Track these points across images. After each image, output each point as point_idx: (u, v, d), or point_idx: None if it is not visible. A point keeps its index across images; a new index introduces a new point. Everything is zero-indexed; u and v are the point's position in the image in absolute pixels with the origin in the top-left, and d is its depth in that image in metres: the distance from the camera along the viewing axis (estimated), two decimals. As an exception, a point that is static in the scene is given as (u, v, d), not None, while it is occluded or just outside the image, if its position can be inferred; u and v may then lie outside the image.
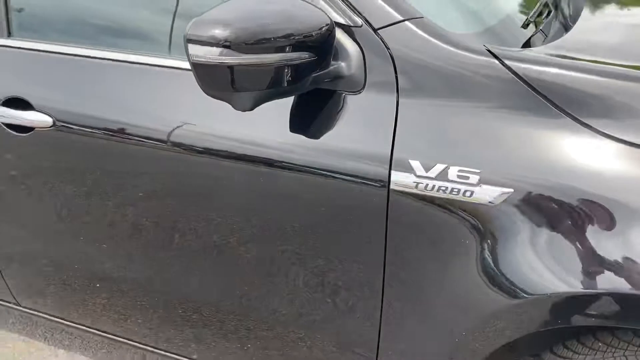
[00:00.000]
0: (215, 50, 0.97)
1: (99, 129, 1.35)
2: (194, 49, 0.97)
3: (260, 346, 1.43)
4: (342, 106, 1.15)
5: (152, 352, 1.70)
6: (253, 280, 1.33)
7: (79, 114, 1.37)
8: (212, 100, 1.06)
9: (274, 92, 1.04)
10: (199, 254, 1.35)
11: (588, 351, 1.11)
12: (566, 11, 1.55)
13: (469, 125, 1.07)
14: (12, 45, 1.45)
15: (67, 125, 1.38)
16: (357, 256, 1.18)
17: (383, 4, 1.13)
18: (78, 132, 1.37)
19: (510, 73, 1.05)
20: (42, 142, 1.43)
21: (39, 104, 1.40)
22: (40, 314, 1.80)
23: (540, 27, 1.36)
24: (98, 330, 1.71)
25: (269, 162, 1.19)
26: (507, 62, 1.06)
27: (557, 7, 1.55)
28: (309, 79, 1.07)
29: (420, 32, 1.11)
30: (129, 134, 1.31)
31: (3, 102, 1.44)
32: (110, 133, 1.33)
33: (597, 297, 0.96)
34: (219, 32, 0.97)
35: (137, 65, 1.31)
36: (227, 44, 0.97)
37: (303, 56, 1.03)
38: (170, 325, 1.53)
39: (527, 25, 1.41)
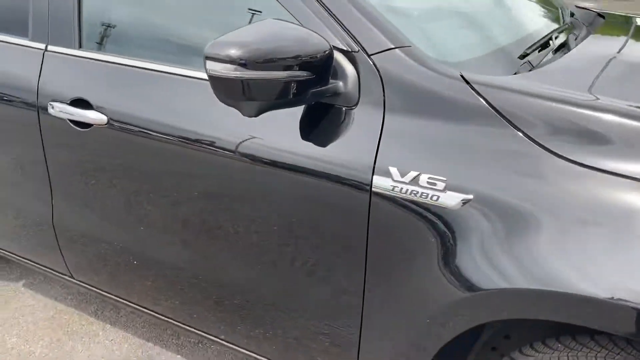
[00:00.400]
0: (229, 66, 1.20)
1: (143, 128, 1.60)
2: (210, 65, 1.20)
3: (262, 325, 1.64)
4: (339, 119, 1.35)
5: (186, 329, 1.92)
6: (256, 266, 1.54)
7: (129, 115, 1.63)
8: (229, 109, 1.28)
9: (276, 103, 1.26)
10: (222, 242, 1.58)
11: (551, 351, 1.24)
12: (560, 46, 1.69)
13: (440, 139, 1.24)
14: (81, 55, 1.74)
15: (119, 124, 1.65)
16: (344, 246, 1.37)
17: (378, 32, 1.33)
18: (127, 130, 1.63)
19: (477, 96, 1.23)
20: (99, 137, 1.70)
21: (98, 104, 1.67)
22: (90, 287, 2.08)
23: (527, 60, 1.51)
24: (140, 305, 1.96)
25: (276, 164, 1.40)
26: (475, 86, 1.23)
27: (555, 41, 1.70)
28: (309, 94, 1.28)
29: (407, 58, 1.30)
30: (165, 134, 1.56)
31: (70, 101, 1.73)
32: (153, 132, 1.59)
33: (531, 293, 1.11)
34: (233, 52, 1.20)
35: (179, 77, 1.56)
36: (241, 61, 1.20)
37: (303, 75, 1.24)
38: (202, 306, 1.75)
39: (527, 55, 1.57)
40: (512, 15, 1.92)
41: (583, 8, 2.49)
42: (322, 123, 1.37)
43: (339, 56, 1.33)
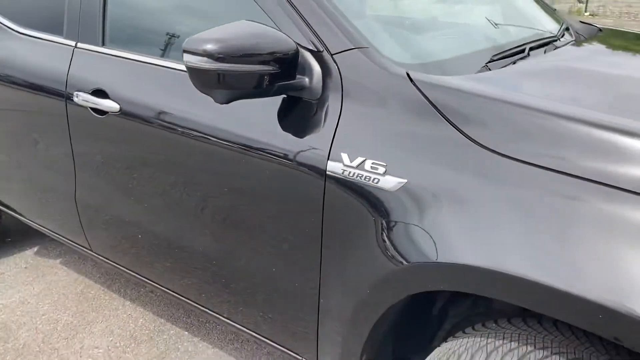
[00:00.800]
0: (204, 59, 1.39)
1: (149, 116, 1.83)
2: (187, 57, 1.40)
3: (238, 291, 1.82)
4: (304, 110, 1.52)
5: (196, 306, 2.11)
6: (229, 238, 1.72)
7: (137, 104, 1.86)
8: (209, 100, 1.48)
9: (244, 93, 1.44)
10: (202, 217, 1.78)
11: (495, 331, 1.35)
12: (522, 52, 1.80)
13: (385, 129, 1.39)
14: (103, 51, 1.99)
15: (129, 112, 1.88)
16: (305, 223, 1.53)
17: (340, 34, 1.50)
18: (135, 116, 1.86)
19: (418, 92, 1.37)
20: (113, 123, 1.94)
21: (113, 94, 1.91)
22: (104, 259, 2.32)
23: (486, 63, 1.63)
24: (146, 278, 2.18)
25: (249, 150, 1.59)
26: (417, 83, 1.38)
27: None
28: (275, 87, 1.46)
29: (364, 58, 1.46)
30: (164, 120, 1.77)
31: (91, 91, 1.98)
32: (154, 119, 1.81)
33: (450, 266, 1.23)
34: (209, 47, 1.39)
35: (175, 71, 1.77)
36: (218, 55, 1.39)
37: (268, 69, 1.42)
38: (208, 284, 1.94)
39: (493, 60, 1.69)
40: (499, 26, 2.04)
41: (587, 24, 2.57)
42: (289, 114, 1.55)
43: (306, 55, 1.51)
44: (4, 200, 2.70)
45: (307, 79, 1.50)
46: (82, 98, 1.99)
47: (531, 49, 1.85)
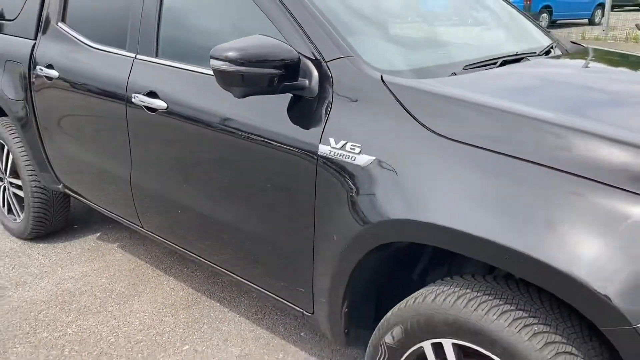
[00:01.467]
0: (227, 63, 1.83)
1: (187, 112, 2.28)
2: (213, 62, 1.84)
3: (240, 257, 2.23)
4: (304, 106, 1.93)
5: (217, 268, 2.53)
6: (246, 210, 2.14)
7: (179, 103, 2.31)
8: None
9: (256, 90, 1.87)
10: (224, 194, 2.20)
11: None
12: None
13: (361, 119, 1.78)
14: (156, 61, 2.47)
15: (174, 109, 2.34)
16: (302, 194, 1.92)
17: (333, 45, 1.90)
18: (179, 114, 2.31)
19: (388, 91, 1.76)
20: (161, 118, 2.40)
21: (162, 95, 2.38)
22: (153, 234, 2.78)
23: (463, 68, 2.00)
24: (185, 249, 2.61)
25: (261, 137, 2.01)
26: (388, 85, 1.77)
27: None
28: (280, 86, 1.88)
29: (350, 64, 1.87)
30: (199, 117, 2.22)
31: (146, 93, 2.45)
32: (192, 115, 2.25)
33: (408, 222, 1.60)
34: (231, 54, 1.82)
35: (205, 75, 2.22)
36: (239, 60, 1.82)
37: (275, 72, 1.85)
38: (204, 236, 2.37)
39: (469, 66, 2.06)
40: (484, 40, 2.40)
41: (576, 43, 2.88)
42: (292, 108, 1.96)
43: (307, 62, 1.92)
44: (75, 189, 3.22)
45: (307, 81, 1.91)
46: (139, 99, 2.47)
47: (506, 61, 2.20)
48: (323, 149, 1.84)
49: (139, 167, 2.62)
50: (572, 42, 2.92)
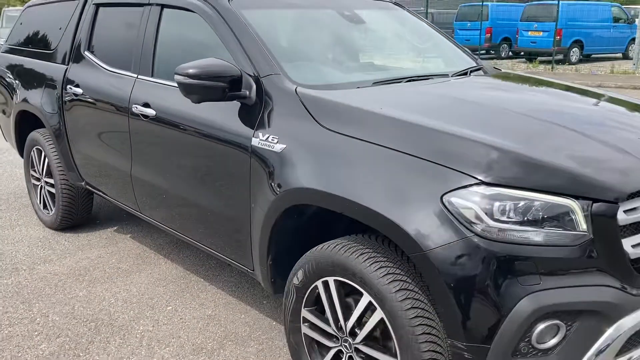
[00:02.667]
0: (187, 78, 2.51)
1: (167, 116, 2.97)
2: (177, 77, 2.52)
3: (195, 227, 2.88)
4: (244, 110, 2.59)
5: (179, 235, 3.19)
6: (201, 188, 2.80)
7: (162, 111, 3.02)
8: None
9: (210, 98, 2.54)
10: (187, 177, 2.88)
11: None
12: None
13: (280, 119, 2.44)
14: (151, 80, 3.19)
15: (158, 116, 3.04)
16: (240, 177, 2.57)
17: (266, 66, 2.57)
18: (161, 118, 3.02)
19: (299, 100, 2.41)
20: (152, 123, 3.11)
21: (152, 105, 3.09)
22: (149, 218, 3.47)
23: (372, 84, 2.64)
24: (167, 225, 3.29)
25: (210, 134, 2.68)
26: (299, 95, 2.42)
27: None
28: (227, 95, 2.55)
29: (275, 80, 2.53)
30: (174, 119, 2.91)
31: (142, 104, 3.17)
32: (170, 118, 2.95)
33: (325, 193, 2.21)
34: (191, 71, 2.51)
35: (170, 86, 2.90)
36: (194, 75, 2.50)
37: (223, 85, 2.52)
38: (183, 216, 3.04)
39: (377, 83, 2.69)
40: (408, 63, 3.03)
41: (497, 69, 3.47)
42: (235, 111, 2.62)
43: (248, 78, 2.59)
44: (93, 184, 3.97)
45: (247, 92, 2.58)
46: (137, 109, 3.18)
47: (412, 79, 2.83)
48: (254, 141, 2.50)
49: (137, 162, 3.33)
50: (494, 67, 3.50)
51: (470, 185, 1.86)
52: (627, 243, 1.92)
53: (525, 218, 1.84)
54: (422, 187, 1.94)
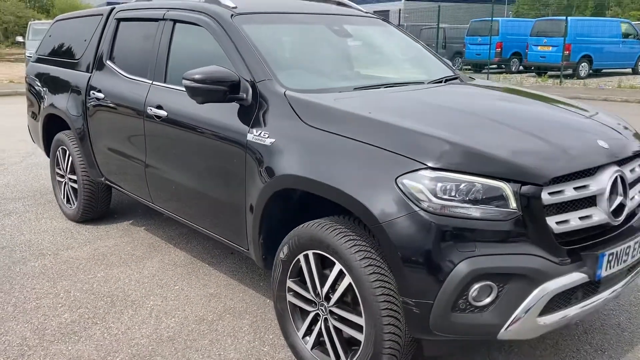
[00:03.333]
0: (193, 82, 2.95)
1: (177, 116, 3.41)
2: (185, 81, 2.96)
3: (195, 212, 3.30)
4: (242, 110, 3.02)
5: (187, 223, 3.63)
6: (205, 179, 3.23)
7: (172, 112, 3.46)
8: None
9: (213, 99, 2.97)
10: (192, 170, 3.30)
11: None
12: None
13: (271, 117, 2.87)
14: (164, 85, 3.64)
15: (170, 117, 3.48)
16: (237, 169, 3.00)
17: (260, 72, 3.00)
18: (171, 119, 3.46)
19: (287, 101, 2.83)
20: (164, 123, 3.55)
21: (164, 107, 3.53)
22: (160, 208, 3.90)
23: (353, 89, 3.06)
24: (174, 214, 3.72)
25: (211, 130, 3.11)
26: (287, 97, 2.84)
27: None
28: (227, 98, 2.98)
29: (268, 84, 2.96)
30: (182, 119, 3.35)
31: (156, 106, 3.61)
32: (179, 118, 3.39)
33: (303, 177, 2.63)
34: (197, 76, 2.95)
35: (180, 90, 3.34)
36: (200, 80, 2.94)
37: (224, 88, 2.95)
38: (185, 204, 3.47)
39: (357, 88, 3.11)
40: (388, 72, 3.44)
41: (471, 78, 3.87)
42: (234, 111, 3.04)
43: (245, 82, 3.02)
44: (112, 179, 4.42)
45: (244, 94, 3.01)
46: (151, 111, 3.63)
47: (390, 85, 3.24)
48: (249, 137, 2.92)
49: (150, 158, 3.77)
50: (469, 77, 3.90)
51: (419, 169, 2.26)
52: (552, 220, 2.30)
53: (467, 197, 2.24)
54: (382, 171, 2.35)
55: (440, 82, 3.59)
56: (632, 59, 20.95)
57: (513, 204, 2.24)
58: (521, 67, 22.49)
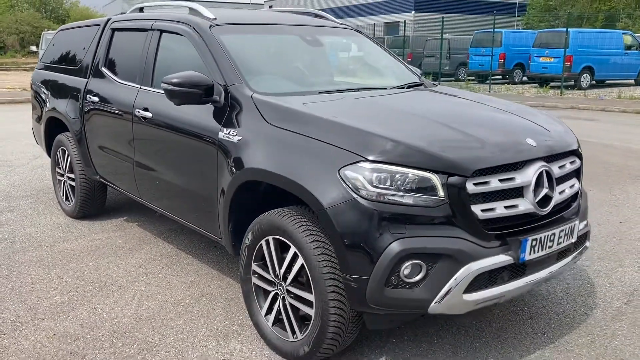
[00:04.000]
0: (171, 86, 3.28)
1: (158, 117, 3.75)
2: (163, 85, 3.29)
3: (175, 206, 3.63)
4: (216, 111, 3.35)
5: (165, 213, 3.97)
6: (182, 173, 3.55)
7: (156, 113, 3.79)
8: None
9: (189, 101, 3.30)
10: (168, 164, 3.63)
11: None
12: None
13: (239, 117, 3.18)
14: (150, 89, 3.98)
15: (154, 118, 3.82)
16: (209, 164, 3.32)
17: (231, 76, 3.33)
18: (155, 119, 3.80)
19: (252, 103, 3.16)
20: (149, 125, 3.88)
21: (150, 109, 3.87)
22: (146, 203, 4.24)
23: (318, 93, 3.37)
24: (155, 205, 4.05)
25: (186, 129, 3.44)
26: (253, 99, 3.17)
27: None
28: (202, 100, 3.31)
29: (238, 88, 3.29)
30: (162, 119, 3.69)
31: (143, 109, 3.95)
32: (160, 118, 3.73)
33: (263, 170, 2.95)
34: (174, 80, 3.28)
35: (159, 93, 3.68)
36: (177, 84, 3.27)
37: (199, 91, 3.28)
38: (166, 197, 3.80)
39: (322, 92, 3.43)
40: (354, 79, 3.76)
41: (434, 84, 4.18)
42: (209, 112, 3.37)
43: (219, 86, 3.34)
44: (105, 177, 4.76)
45: (217, 97, 3.33)
46: (139, 113, 3.97)
47: (351, 90, 3.56)
48: (220, 135, 3.24)
49: (137, 156, 4.11)
50: (433, 82, 4.21)
51: (358, 162, 2.57)
52: (478, 208, 2.60)
53: (400, 186, 2.54)
54: (328, 164, 2.66)
55: (403, 87, 3.89)
56: (635, 70, 21.13)
57: (441, 192, 2.54)
58: (525, 78, 22.73)
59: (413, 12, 45.95)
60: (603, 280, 4.03)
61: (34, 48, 24.31)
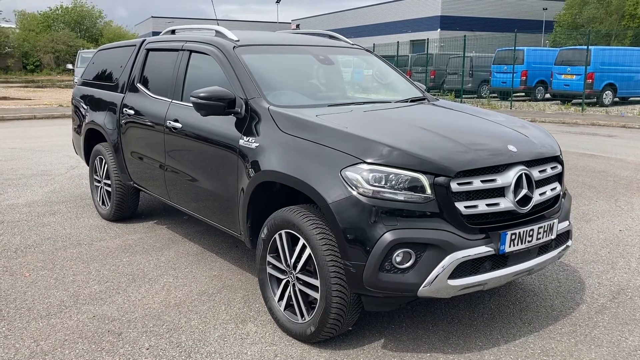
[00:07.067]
0: (199, 99, 3.75)
1: (187, 128, 4.21)
2: (192, 98, 3.76)
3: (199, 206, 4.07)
4: (237, 122, 3.80)
5: (192, 214, 4.43)
6: (206, 177, 4.01)
7: (186, 124, 4.26)
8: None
9: (214, 112, 3.76)
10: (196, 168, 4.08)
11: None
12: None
13: (257, 127, 3.63)
14: (181, 103, 4.46)
15: (183, 128, 4.29)
16: (231, 169, 3.76)
17: (251, 91, 3.79)
18: (185, 129, 4.26)
19: (269, 114, 3.60)
20: (179, 133, 4.35)
21: (180, 120, 4.35)
22: (176, 205, 4.70)
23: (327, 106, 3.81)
24: (183, 207, 4.50)
25: (211, 138, 3.90)
26: (270, 111, 3.61)
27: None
28: (225, 112, 3.76)
29: (257, 101, 3.74)
30: (191, 129, 4.15)
31: (174, 120, 4.43)
32: (189, 129, 4.19)
33: (276, 171, 3.38)
34: (202, 94, 3.75)
35: (188, 106, 4.14)
36: (203, 97, 3.74)
37: (223, 104, 3.74)
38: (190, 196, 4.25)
39: (331, 105, 3.86)
40: (363, 94, 4.18)
41: (436, 99, 4.58)
42: (231, 123, 3.82)
43: (240, 100, 3.80)
44: (138, 182, 5.25)
45: (239, 109, 3.79)
46: (171, 124, 4.45)
47: (358, 103, 3.98)
48: (241, 142, 3.69)
49: (168, 163, 4.59)
50: (435, 97, 4.61)
51: (357, 163, 2.98)
52: (461, 204, 2.98)
53: (393, 185, 2.94)
54: (331, 166, 3.07)
55: (406, 101, 4.31)
56: (659, 87, 21.16)
57: (428, 190, 2.93)
58: (547, 95, 22.90)
59: (439, 29, 46.42)
60: (594, 280, 4.34)
61: (70, 66, 25.34)
